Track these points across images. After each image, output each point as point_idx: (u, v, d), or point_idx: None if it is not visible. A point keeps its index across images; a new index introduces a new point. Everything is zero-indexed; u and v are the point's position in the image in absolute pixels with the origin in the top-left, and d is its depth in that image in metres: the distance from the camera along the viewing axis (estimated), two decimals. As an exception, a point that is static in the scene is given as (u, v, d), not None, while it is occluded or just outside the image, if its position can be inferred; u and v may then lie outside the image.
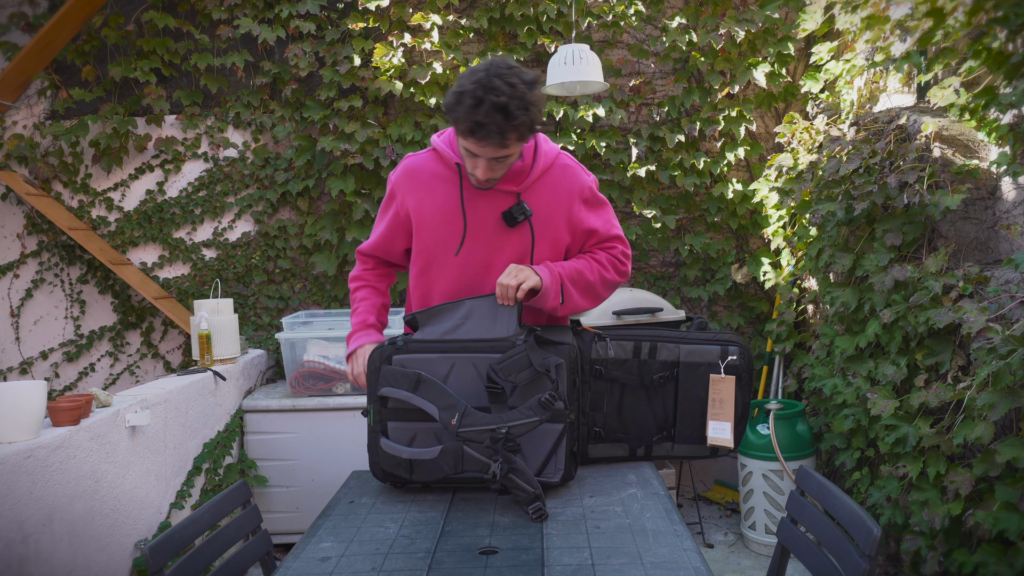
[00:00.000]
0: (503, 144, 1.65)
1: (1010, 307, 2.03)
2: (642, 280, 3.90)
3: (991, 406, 1.95)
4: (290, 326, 3.29)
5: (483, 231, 1.84)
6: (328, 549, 1.47)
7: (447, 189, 1.85)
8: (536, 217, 1.84)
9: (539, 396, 1.63)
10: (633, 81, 3.77)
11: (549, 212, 1.86)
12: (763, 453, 3.09)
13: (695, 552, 1.39)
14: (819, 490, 1.67)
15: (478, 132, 1.63)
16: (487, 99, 1.60)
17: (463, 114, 1.63)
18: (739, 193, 3.70)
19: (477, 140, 1.65)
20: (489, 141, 1.64)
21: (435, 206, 1.85)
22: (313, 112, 3.67)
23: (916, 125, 2.64)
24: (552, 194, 1.86)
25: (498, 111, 1.60)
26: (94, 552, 2.14)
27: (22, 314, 3.85)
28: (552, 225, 1.86)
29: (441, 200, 1.85)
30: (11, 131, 3.78)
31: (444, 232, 1.86)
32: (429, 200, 1.86)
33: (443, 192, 1.85)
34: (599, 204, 1.93)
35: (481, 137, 1.63)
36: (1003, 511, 1.98)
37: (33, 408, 1.93)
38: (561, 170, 1.88)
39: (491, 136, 1.62)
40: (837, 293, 2.80)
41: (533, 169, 1.83)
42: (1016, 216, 2.41)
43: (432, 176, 1.87)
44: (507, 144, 1.66)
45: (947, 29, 2.20)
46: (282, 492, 3.19)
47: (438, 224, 1.86)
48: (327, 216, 3.75)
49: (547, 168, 1.86)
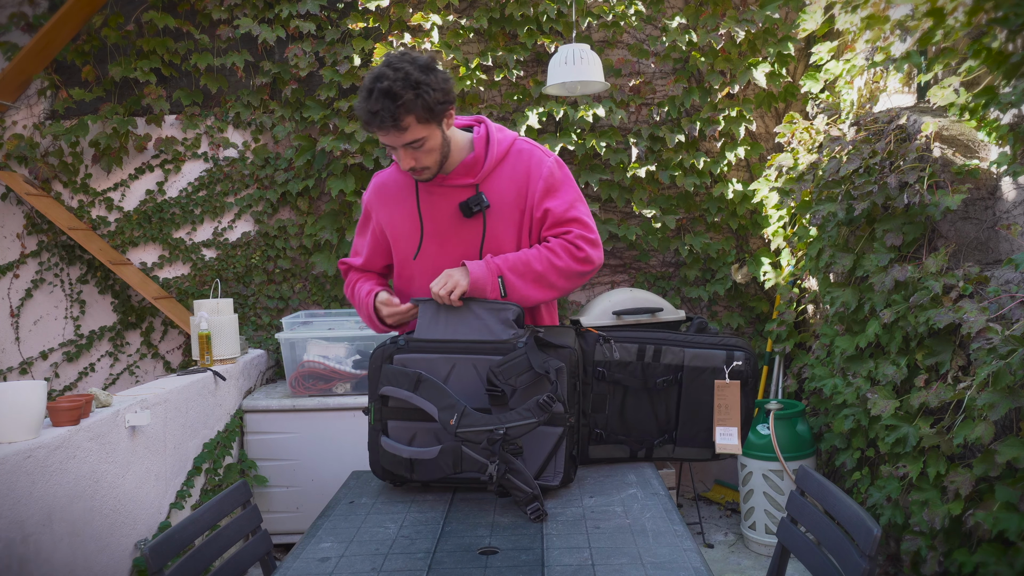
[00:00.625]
0: (398, 126, 1.67)
1: (1010, 307, 2.03)
2: (642, 280, 3.90)
3: (991, 406, 1.95)
4: (290, 326, 3.29)
5: (440, 230, 1.87)
6: (328, 549, 1.47)
7: (407, 196, 1.90)
8: (494, 206, 1.84)
9: (537, 398, 1.62)
10: (633, 81, 3.77)
11: (507, 199, 1.86)
12: (763, 453, 3.09)
13: (695, 552, 1.39)
14: (819, 490, 1.67)
15: (374, 121, 1.67)
16: (375, 87, 1.65)
17: (359, 109, 1.70)
18: (739, 193, 3.69)
19: (377, 129, 1.69)
20: (384, 127, 1.67)
21: (400, 216, 1.91)
22: (313, 112, 3.67)
23: (916, 125, 2.64)
24: (510, 180, 1.86)
25: (384, 95, 1.64)
26: (94, 552, 2.14)
27: (22, 314, 3.85)
28: (508, 212, 1.86)
29: (404, 209, 1.90)
30: (11, 131, 3.78)
31: (408, 239, 1.90)
32: (395, 212, 1.91)
33: (405, 201, 1.90)
34: (559, 186, 1.87)
35: (377, 125, 1.67)
36: (1003, 511, 1.98)
37: (33, 408, 1.93)
38: (516, 155, 1.88)
39: (385, 121, 1.65)
40: (837, 293, 2.80)
41: (487, 159, 1.84)
42: (1016, 216, 2.41)
43: (397, 188, 1.92)
44: (403, 126, 1.67)
45: (947, 29, 2.20)
46: (282, 492, 3.19)
47: (403, 233, 1.91)
48: (327, 216, 3.75)
49: (502, 156, 1.86)
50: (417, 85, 1.65)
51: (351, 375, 3.21)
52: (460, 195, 1.85)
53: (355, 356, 3.24)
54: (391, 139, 1.71)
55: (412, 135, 1.70)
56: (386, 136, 1.70)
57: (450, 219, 1.86)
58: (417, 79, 1.65)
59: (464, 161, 1.84)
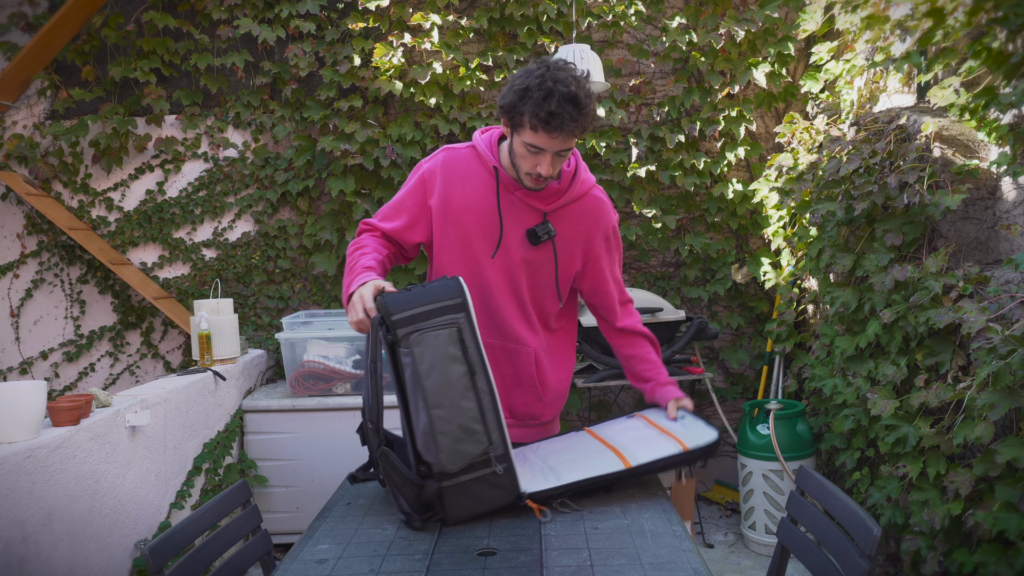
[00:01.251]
0: (573, 133, 1.66)
1: (1010, 307, 2.03)
2: (642, 280, 3.90)
3: (991, 406, 1.95)
4: (290, 326, 3.29)
5: (512, 241, 1.83)
6: (326, 551, 1.47)
7: (483, 190, 1.82)
8: (561, 239, 1.84)
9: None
10: (633, 81, 3.77)
11: (570, 238, 1.85)
12: (763, 453, 3.09)
13: (694, 552, 1.39)
14: (819, 490, 1.67)
15: (551, 122, 1.63)
16: (557, 90, 1.61)
17: (532, 107, 1.63)
18: (739, 193, 3.69)
19: (549, 131, 1.64)
20: (562, 131, 1.64)
21: (469, 203, 1.82)
22: (313, 112, 3.67)
23: (916, 125, 2.64)
24: (577, 222, 1.85)
25: (568, 101, 1.62)
26: (94, 552, 2.14)
27: (22, 314, 3.85)
28: (569, 251, 1.86)
29: (474, 198, 1.82)
30: (11, 131, 3.78)
31: (478, 231, 1.82)
32: (462, 195, 1.82)
33: (478, 191, 1.82)
34: (616, 247, 1.94)
35: (554, 127, 1.63)
36: (1003, 511, 1.98)
37: (33, 408, 1.93)
38: (592, 201, 1.87)
39: (564, 125, 1.63)
40: (837, 293, 2.80)
41: (568, 192, 1.83)
42: (1016, 216, 2.41)
43: (468, 172, 1.84)
44: (577, 134, 1.67)
45: (947, 29, 2.20)
46: (282, 492, 3.19)
47: (469, 222, 1.82)
48: (327, 216, 3.75)
49: (580, 196, 1.85)
50: (591, 98, 1.67)
51: (351, 375, 3.21)
52: (528, 215, 1.82)
53: (355, 356, 3.24)
54: (552, 143, 1.66)
55: (572, 144, 1.70)
56: (551, 139, 1.65)
57: (520, 237, 1.83)
58: (590, 92, 1.67)
59: (548, 187, 1.81)
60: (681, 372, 3.34)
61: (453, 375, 1.50)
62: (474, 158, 1.86)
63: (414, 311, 1.53)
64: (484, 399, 1.53)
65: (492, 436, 1.52)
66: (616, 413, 3.91)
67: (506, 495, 1.56)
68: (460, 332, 1.52)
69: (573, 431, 1.93)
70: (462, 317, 1.53)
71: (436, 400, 1.50)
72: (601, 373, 3.26)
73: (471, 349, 1.53)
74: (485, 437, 1.52)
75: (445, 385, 1.50)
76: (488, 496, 1.56)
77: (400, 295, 1.56)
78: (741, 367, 3.88)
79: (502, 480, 1.54)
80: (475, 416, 1.52)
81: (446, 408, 1.50)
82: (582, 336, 3.26)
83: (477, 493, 1.55)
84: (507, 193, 1.82)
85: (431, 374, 1.50)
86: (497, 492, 1.56)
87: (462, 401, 1.51)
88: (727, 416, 3.86)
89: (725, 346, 3.90)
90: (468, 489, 1.54)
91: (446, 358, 1.51)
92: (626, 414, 1.94)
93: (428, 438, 1.50)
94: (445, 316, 1.52)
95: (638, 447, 1.71)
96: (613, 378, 3.27)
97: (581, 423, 3.89)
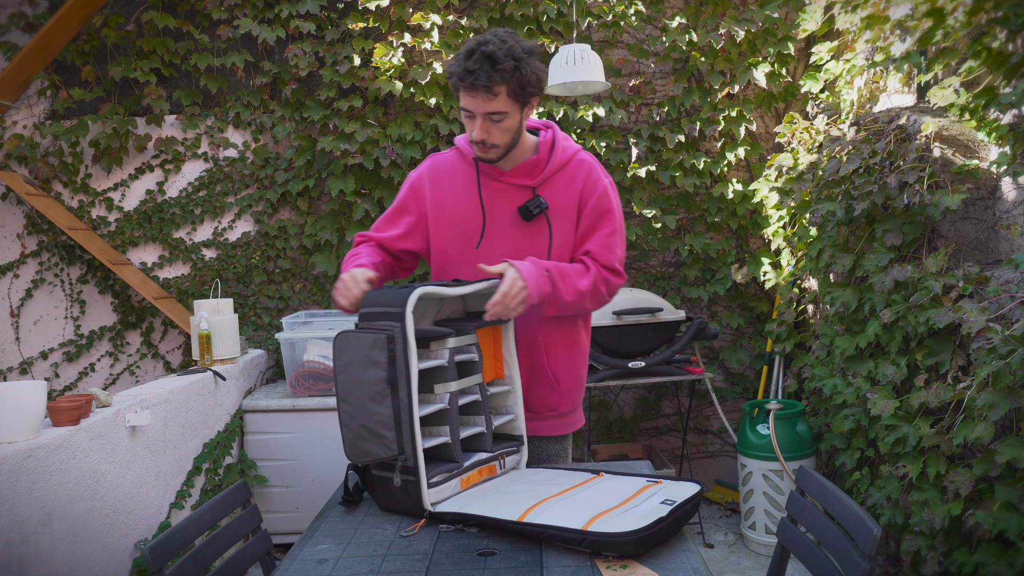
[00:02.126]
0: (490, 91, 1.67)
1: (1010, 307, 2.03)
2: (642, 280, 3.90)
3: (991, 406, 1.95)
4: (290, 326, 3.29)
5: (501, 225, 1.84)
6: (325, 551, 1.47)
7: (466, 185, 1.87)
8: (552, 210, 1.83)
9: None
10: (633, 81, 3.77)
11: (562, 207, 1.85)
12: (763, 453, 3.09)
13: (694, 552, 1.39)
14: (819, 490, 1.67)
15: (466, 79, 1.67)
16: (478, 49, 1.66)
17: (455, 66, 1.69)
18: (739, 193, 3.69)
19: (466, 89, 1.68)
20: (476, 88, 1.66)
21: (456, 201, 1.87)
22: (313, 112, 3.67)
23: (916, 125, 2.64)
24: (566, 189, 1.85)
25: (486, 58, 1.65)
26: (94, 552, 2.14)
27: (22, 314, 3.85)
28: (565, 218, 1.85)
29: (461, 195, 1.87)
30: (11, 131, 3.78)
31: (465, 227, 1.86)
32: (450, 196, 1.87)
33: (463, 188, 1.87)
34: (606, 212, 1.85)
35: (469, 85, 1.67)
36: (1003, 511, 1.98)
37: (33, 408, 1.93)
38: (577, 165, 1.87)
39: (479, 80, 1.65)
40: (837, 293, 2.80)
41: (549, 163, 1.84)
42: (1016, 216, 2.41)
43: (453, 172, 1.89)
44: (495, 92, 1.67)
45: (947, 29, 2.20)
46: (282, 492, 3.19)
47: (459, 218, 1.86)
48: (327, 216, 3.75)
49: (564, 163, 1.86)
50: (519, 59, 1.67)
51: (351, 375, 3.21)
52: (518, 195, 1.83)
53: (355, 356, 3.24)
54: (476, 103, 1.69)
55: (497, 105, 1.70)
56: (472, 99, 1.69)
57: (511, 218, 1.84)
58: (519, 55, 1.68)
59: (526, 162, 1.83)
60: (681, 372, 3.34)
61: (366, 378, 1.55)
62: (458, 158, 1.90)
63: (368, 309, 1.62)
64: (403, 410, 1.53)
65: (404, 447, 1.54)
66: (616, 413, 3.91)
67: (411, 504, 1.58)
68: (390, 340, 1.54)
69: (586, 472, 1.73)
70: (397, 327, 1.54)
71: (343, 394, 1.59)
72: (601, 373, 3.26)
73: (399, 359, 1.53)
74: (395, 444, 1.54)
75: (354, 384, 1.57)
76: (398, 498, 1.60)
77: (372, 292, 1.66)
78: (741, 367, 3.88)
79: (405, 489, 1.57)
80: (385, 422, 1.54)
81: (351, 404, 1.58)
82: (582, 336, 3.26)
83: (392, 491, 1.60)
84: (492, 182, 1.85)
85: (344, 370, 1.59)
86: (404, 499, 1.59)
87: (371, 404, 1.55)
88: (727, 416, 3.86)
89: (725, 346, 3.90)
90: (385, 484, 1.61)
91: (363, 360, 1.56)
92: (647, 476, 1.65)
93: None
94: (384, 321, 1.56)
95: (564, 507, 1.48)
96: (613, 378, 3.27)
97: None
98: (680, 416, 3.87)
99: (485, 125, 1.73)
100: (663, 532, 1.37)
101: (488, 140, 1.75)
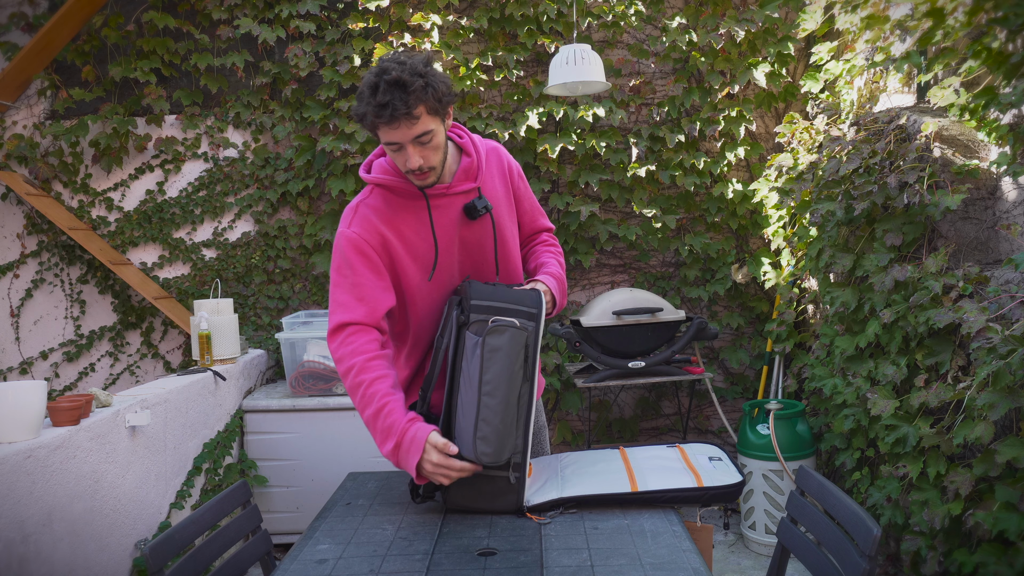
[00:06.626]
0: (411, 115, 1.59)
1: (1010, 307, 2.03)
2: (642, 280, 3.90)
3: (991, 406, 1.95)
4: (290, 326, 3.29)
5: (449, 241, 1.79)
6: (325, 551, 1.47)
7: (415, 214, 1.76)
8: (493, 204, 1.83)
9: None
10: (633, 81, 3.77)
11: (499, 195, 1.87)
12: (763, 453, 3.09)
13: (694, 552, 1.39)
14: (819, 490, 1.67)
15: (383, 113, 1.57)
16: (381, 81, 1.58)
17: (366, 107, 1.60)
18: (739, 193, 3.69)
19: (387, 123, 1.59)
20: (396, 117, 1.58)
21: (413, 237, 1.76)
22: (313, 112, 3.67)
23: (916, 125, 2.64)
24: (495, 178, 1.87)
25: (394, 85, 1.57)
26: (94, 552, 2.14)
27: (22, 314, 3.85)
28: (505, 207, 1.88)
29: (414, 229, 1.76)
30: (11, 131, 3.78)
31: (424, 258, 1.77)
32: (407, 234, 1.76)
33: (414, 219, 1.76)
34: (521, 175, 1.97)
35: (389, 117, 1.58)
36: (1003, 511, 1.98)
37: (33, 408, 1.93)
38: (491, 152, 1.89)
39: (398, 110, 1.57)
40: (837, 293, 2.80)
41: (482, 161, 1.83)
42: (1016, 216, 2.41)
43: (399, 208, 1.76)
44: (415, 115, 1.60)
45: (947, 29, 2.20)
46: (282, 492, 3.19)
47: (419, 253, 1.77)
48: (327, 216, 3.75)
49: (487, 156, 1.87)
50: (424, 74, 1.62)
51: (351, 375, 3.21)
52: (461, 201, 1.79)
53: (355, 356, 3.24)
54: (399, 134, 1.60)
55: (423, 126, 1.62)
56: (395, 131, 1.60)
57: (457, 228, 1.79)
58: (422, 70, 1.63)
59: (463, 167, 1.78)
60: (681, 372, 3.34)
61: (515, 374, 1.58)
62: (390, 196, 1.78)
63: (493, 303, 1.62)
64: (523, 409, 1.60)
65: (519, 443, 1.60)
66: (616, 413, 3.91)
67: (509, 502, 1.63)
68: (528, 339, 1.60)
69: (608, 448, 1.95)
70: (532, 326, 1.61)
71: (489, 389, 1.56)
72: (601, 373, 3.26)
73: (531, 359, 1.60)
74: (521, 441, 1.61)
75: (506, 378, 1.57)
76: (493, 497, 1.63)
77: (485, 286, 1.66)
78: (741, 367, 3.88)
79: (513, 487, 1.63)
80: (515, 420, 1.59)
81: (495, 399, 1.56)
82: (582, 336, 3.27)
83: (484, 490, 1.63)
84: (439, 199, 1.77)
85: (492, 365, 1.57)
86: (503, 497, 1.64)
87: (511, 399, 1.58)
88: (727, 416, 3.86)
89: (725, 346, 3.90)
90: (475, 484, 1.62)
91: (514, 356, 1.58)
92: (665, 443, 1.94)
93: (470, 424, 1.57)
94: (520, 319, 1.61)
95: (653, 474, 1.72)
96: (613, 378, 3.27)
97: (581, 423, 3.90)
98: (680, 416, 3.87)
99: (417, 151, 1.64)
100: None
101: (424, 164, 1.66)
